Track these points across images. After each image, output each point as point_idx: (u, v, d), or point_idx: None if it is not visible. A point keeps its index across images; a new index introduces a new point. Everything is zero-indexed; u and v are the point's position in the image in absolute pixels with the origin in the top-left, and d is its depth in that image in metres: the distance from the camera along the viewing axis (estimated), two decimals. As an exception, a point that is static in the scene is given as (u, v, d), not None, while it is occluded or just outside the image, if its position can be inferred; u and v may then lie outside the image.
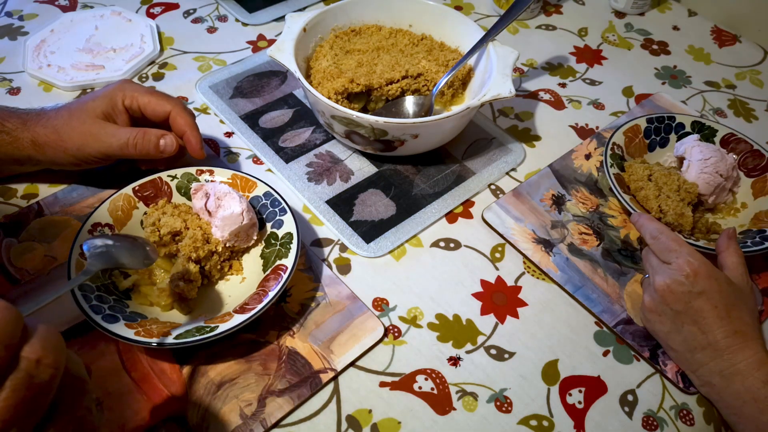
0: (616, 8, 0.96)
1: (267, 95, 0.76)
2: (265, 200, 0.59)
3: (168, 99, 0.61)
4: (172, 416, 0.49)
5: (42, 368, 0.30)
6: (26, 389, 0.30)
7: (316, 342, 0.54)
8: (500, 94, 0.63)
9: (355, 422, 0.50)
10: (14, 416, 0.29)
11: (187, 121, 0.60)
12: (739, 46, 0.91)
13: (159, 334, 0.48)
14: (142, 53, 0.79)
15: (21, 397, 0.29)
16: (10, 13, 0.85)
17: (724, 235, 0.57)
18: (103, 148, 0.58)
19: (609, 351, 0.56)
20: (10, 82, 0.75)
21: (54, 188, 0.64)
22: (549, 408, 0.52)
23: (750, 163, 0.67)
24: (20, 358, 0.30)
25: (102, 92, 0.60)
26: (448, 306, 0.58)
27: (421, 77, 0.70)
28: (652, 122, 0.69)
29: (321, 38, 0.73)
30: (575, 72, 0.84)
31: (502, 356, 0.55)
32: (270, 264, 0.55)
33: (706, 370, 0.51)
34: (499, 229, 0.64)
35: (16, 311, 0.30)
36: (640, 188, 0.63)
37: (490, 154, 0.72)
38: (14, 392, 0.29)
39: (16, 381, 0.29)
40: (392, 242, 0.62)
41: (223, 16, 0.88)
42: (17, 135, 0.58)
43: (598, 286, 0.60)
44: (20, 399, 0.29)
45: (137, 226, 0.57)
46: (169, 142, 0.59)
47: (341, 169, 0.69)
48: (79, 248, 0.52)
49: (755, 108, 0.81)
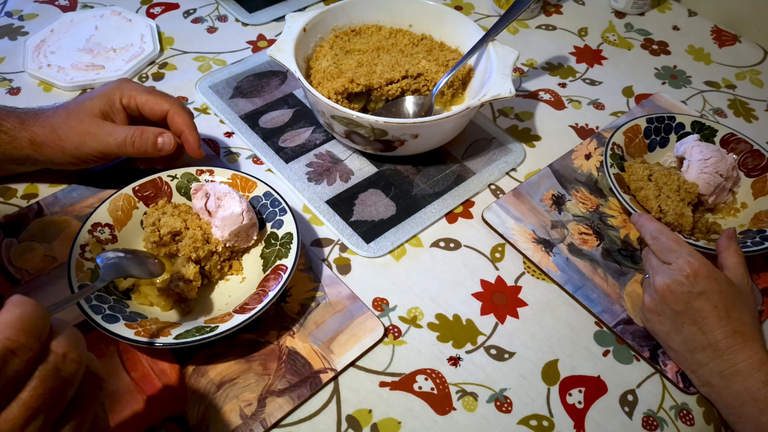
0: (616, 8, 0.96)
1: (267, 95, 0.76)
2: (265, 200, 0.59)
3: (166, 98, 0.61)
4: (172, 416, 0.49)
5: (67, 362, 0.33)
6: (53, 380, 0.32)
7: (316, 342, 0.54)
8: (500, 94, 0.63)
9: (355, 422, 0.50)
10: (42, 405, 0.32)
11: (185, 120, 0.60)
12: (739, 46, 0.91)
13: (159, 334, 0.48)
14: (142, 53, 0.79)
15: (48, 388, 0.32)
16: (10, 13, 0.85)
17: (724, 235, 0.57)
18: (101, 147, 0.58)
19: (609, 351, 0.56)
20: (10, 82, 0.75)
21: (54, 188, 0.64)
22: (549, 408, 0.52)
23: (750, 163, 0.67)
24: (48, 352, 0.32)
25: (100, 91, 0.60)
26: (448, 306, 0.58)
27: (421, 77, 0.70)
28: (652, 122, 0.69)
29: (321, 38, 0.73)
30: (575, 72, 0.84)
31: (502, 356, 0.55)
32: (270, 264, 0.55)
33: (706, 370, 0.51)
34: (499, 229, 0.64)
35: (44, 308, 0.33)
36: (640, 188, 0.63)
37: (490, 154, 0.72)
38: (42, 382, 0.32)
39: (45, 372, 0.32)
40: (392, 242, 0.62)
41: (223, 16, 0.88)
42: (15, 135, 0.58)
43: (598, 286, 0.60)
44: (48, 389, 0.32)
45: (137, 226, 0.57)
46: (167, 140, 0.59)
47: (341, 169, 0.69)
48: (78, 248, 0.52)
49: (755, 108, 0.81)
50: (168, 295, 0.52)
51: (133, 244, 0.57)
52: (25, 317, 0.32)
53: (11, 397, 0.31)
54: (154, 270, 0.51)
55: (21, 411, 0.31)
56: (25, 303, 0.32)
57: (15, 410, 0.31)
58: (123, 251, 0.51)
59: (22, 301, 0.32)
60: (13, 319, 0.31)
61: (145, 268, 0.51)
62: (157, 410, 0.49)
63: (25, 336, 0.31)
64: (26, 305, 0.32)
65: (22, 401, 0.31)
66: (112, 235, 0.56)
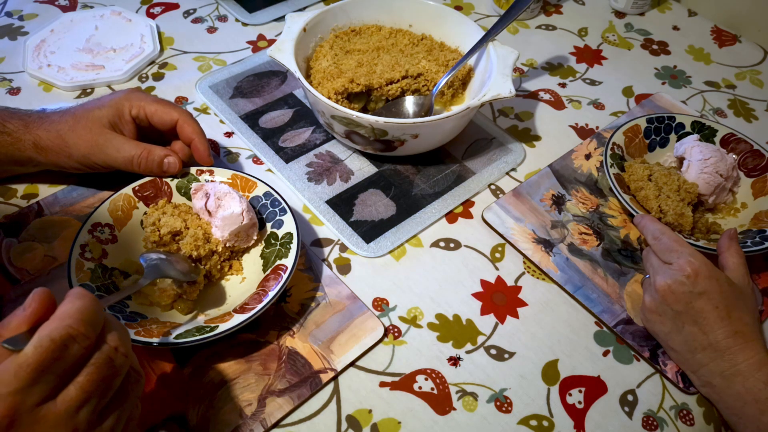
0: (616, 8, 0.96)
1: (267, 95, 0.76)
2: (265, 200, 0.59)
3: (174, 107, 0.61)
4: (172, 416, 0.49)
5: (119, 355, 0.37)
6: (106, 368, 0.36)
7: (316, 342, 0.54)
8: (500, 94, 0.63)
9: (355, 422, 0.50)
10: (95, 389, 0.35)
11: (194, 129, 0.60)
12: (739, 46, 0.91)
13: (159, 334, 0.48)
14: (142, 53, 0.79)
15: (101, 375, 0.36)
16: (10, 13, 0.85)
17: (726, 235, 0.57)
18: (109, 161, 0.58)
19: (609, 351, 0.56)
20: (10, 82, 0.75)
21: (54, 188, 0.64)
22: (549, 408, 0.52)
23: (750, 163, 0.67)
24: (103, 343, 0.36)
25: (108, 101, 0.60)
26: (448, 306, 0.58)
27: (421, 77, 0.70)
28: (652, 122, 0.69)
29: (321, 38, 0.73)
30: (575, 72, 0.84)
31: (502, 356, 0.55)
32: (270, 264, 0.55)
33: (707, 370, 0.51)
34: (499, 229, 0.64)
35: (99, 303, 0.37)
36: (640, 188, 0.63)
37: (490, 154, 0.72)
38: (97, 369, 0.36)
39: (99, 360, 0.36)
40: (392, 242, 0.62)
41: (223, 16, 0.88)
42: (19, 136, 0.58)
43: (598, 286, 0.60)
44: (101, 376, 0.36)
45: (137, 226, 0.57)
46: (172, 162, 0.59)
47: (341, 169, 0.69)
48: (79, 248, 0.52)
49: (755, 108, 0.81)
50: (169, 296, 0.52)
51: (133, 244, 0.57)
52: (84, 309, 0.35)
53: (69, 381, 0.35)
54: (191, 272, 0.53)
55: (78, 393, 0.35)
56: (85, 296, 0.36)
57: (72, 392, 0.35)
58: (164, 253, 0.53)
59: (82, 294, 0.36)
60: (74, 310, 0.35)
61: (182, 270, 0.52)
62: (157, 410, 0.49)
63: (84, 326, 0.35)
64: (86, 298, 0.36)
65: (79, 384, 0.35)
66: (112, 235, 0.56)
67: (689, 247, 0.54)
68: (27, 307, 0.35)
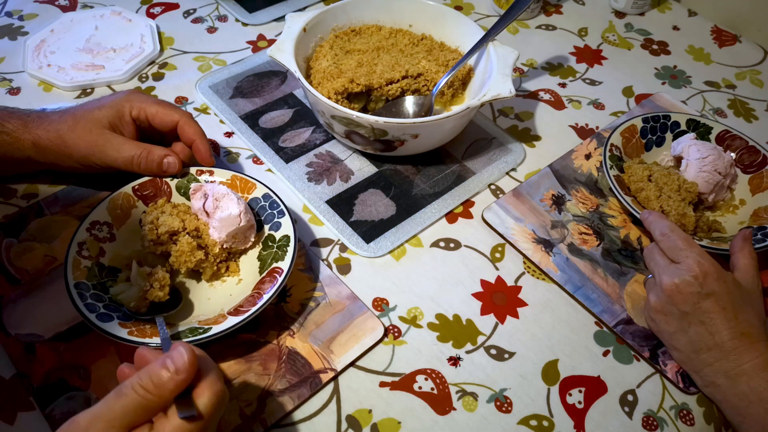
0: (616, 8, 0.96)
1: (267, 95, 0.76)
2: (264, 202, 0.59)
3: (175, 109, 0.60)
4: (172, 416, 0.49)
5: (227, 393, 0.41)
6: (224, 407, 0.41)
7: (316, 342, 0.54)
8: (500, 94, 0.63)
9: (355, 422, 0.50)
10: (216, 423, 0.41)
11: (195, 130, 0.60)
12: (739, 46, 0.91)
13: (152, 334, 0.48)
14: (142, 53, 0.79)
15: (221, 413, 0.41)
16: (10, 13, 0.85)
17: (740, 236, 0.57)
18: (108, 161, 0.58)
19: (609, 351, 0.56)
20: (10, 82, 0.75)
21: (54, 188, 0.63)
22: (549, 408, 0.52)
23: (746, 159, 0.67)
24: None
25: (109, 101, 0.59)
26: (448, 306, 0.58)
27: (421, 77, 0.70)
28: (648, 122, 0.69)
29: (321, 38, 0.73)
30: (575, 72, 0.84)
31: (502, 356, 0.55)
32: (266, 266, 0.55)
33: (711, 370, 0.51)
34: (499, 229, 0.64)
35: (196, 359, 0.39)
36: (641, 189, 0.63)
37: (490, 154, 0.72)
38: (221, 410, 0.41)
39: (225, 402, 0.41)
40: (392, 242, 0.62)
41: (223, 16, 0.88)
42: (18, 136, 0.58)
43: (598, 286, 0.60)
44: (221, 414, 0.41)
45: (136, 225, 0.57)
46: (172, 161, 0.58)
47: (341, 169, 0.69)
48: (76, 245, 0.52)
49: (755, 108, 0.81)
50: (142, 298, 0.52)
51: (131, 243, 0.56)
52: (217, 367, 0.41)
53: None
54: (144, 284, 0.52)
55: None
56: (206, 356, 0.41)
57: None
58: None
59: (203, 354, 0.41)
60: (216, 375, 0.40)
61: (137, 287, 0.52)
62: (157, 410, 0.49)
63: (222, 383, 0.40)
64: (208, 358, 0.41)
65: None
66: (110, 233, 0.56)
67: (698, 247, 0.53)
68: (181, 371, 0.37)
